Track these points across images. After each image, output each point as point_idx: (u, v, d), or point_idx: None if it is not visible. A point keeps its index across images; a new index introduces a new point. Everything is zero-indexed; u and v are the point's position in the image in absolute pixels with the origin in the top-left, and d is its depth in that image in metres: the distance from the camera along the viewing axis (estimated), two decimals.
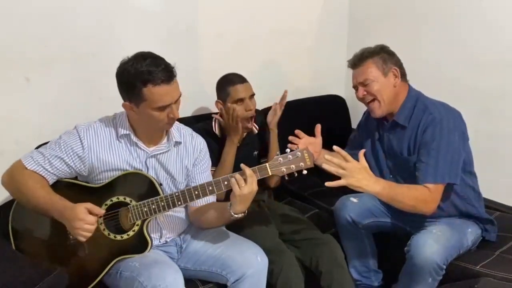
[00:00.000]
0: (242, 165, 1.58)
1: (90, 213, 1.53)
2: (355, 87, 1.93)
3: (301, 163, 1.58)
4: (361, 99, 1.91)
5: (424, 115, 1.82)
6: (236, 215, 1.60)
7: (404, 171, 1.91)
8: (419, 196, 1.74)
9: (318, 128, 1.86)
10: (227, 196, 1.67)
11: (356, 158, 1.69)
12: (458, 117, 1.83)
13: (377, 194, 1.70)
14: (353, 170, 1.64)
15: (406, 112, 1.88)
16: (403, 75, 1.91)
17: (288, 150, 1.61)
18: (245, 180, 1.55)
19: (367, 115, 2.13)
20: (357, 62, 1.90)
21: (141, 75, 1.52)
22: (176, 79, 1.58)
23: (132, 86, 1.54)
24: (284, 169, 1.59)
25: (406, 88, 1.91)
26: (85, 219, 1.51)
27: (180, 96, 1.61)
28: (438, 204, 1.78)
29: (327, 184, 1.63)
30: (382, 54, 1.88)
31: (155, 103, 1.55)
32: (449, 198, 1.87)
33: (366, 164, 1.69)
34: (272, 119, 2.14)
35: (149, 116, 1.59)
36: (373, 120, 2.04)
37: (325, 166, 1.65)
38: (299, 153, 1.58)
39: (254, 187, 1.56)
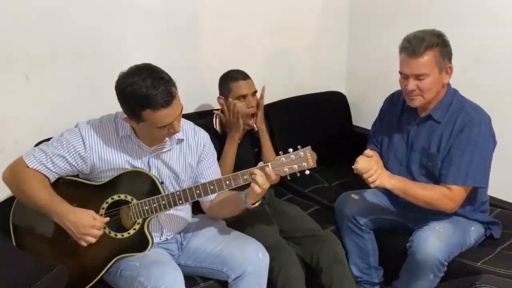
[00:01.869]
0: (251, 169, 1.57)
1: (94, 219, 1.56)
2: (405, 75, 1.77)
3: (304, 163, 1.56)
4: (407, 91, 1.77)
5: (461, 114, 1.78)
6: (253, 206, 1.62)
7: (422, 166, 1.87)
8: (438, 192, 1.76)
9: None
10: None
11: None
12: (490, 122, 1.80)
13: (392, 186, 1.76)
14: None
15: (442, 108, 1.82)
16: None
17: (290, 150, 1.58)
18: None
19: (389, 104, 2.04)
20: (417, 50, 1.71)
21: (139, 99, 1.47)
22: (177, 96, 1.53)
23: (131, 107, 1.52)
24: (287, 169, 1.56)
25: (447, 85, 1.84)
26: (95, 225, 1.54)
27: (181, 110, 1.58)
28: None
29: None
30: (441, 46, 1.74)
31: (154, 125, 1.53)
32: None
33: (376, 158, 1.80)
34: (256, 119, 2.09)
35: (149, 131, 1.59)
36: (397, 111, 1.97)
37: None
38: (302, 153, 1.56)
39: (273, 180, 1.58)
